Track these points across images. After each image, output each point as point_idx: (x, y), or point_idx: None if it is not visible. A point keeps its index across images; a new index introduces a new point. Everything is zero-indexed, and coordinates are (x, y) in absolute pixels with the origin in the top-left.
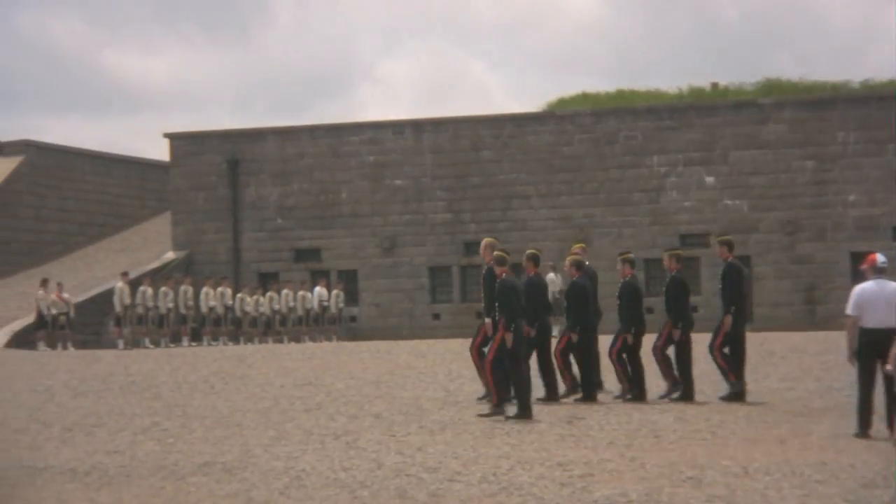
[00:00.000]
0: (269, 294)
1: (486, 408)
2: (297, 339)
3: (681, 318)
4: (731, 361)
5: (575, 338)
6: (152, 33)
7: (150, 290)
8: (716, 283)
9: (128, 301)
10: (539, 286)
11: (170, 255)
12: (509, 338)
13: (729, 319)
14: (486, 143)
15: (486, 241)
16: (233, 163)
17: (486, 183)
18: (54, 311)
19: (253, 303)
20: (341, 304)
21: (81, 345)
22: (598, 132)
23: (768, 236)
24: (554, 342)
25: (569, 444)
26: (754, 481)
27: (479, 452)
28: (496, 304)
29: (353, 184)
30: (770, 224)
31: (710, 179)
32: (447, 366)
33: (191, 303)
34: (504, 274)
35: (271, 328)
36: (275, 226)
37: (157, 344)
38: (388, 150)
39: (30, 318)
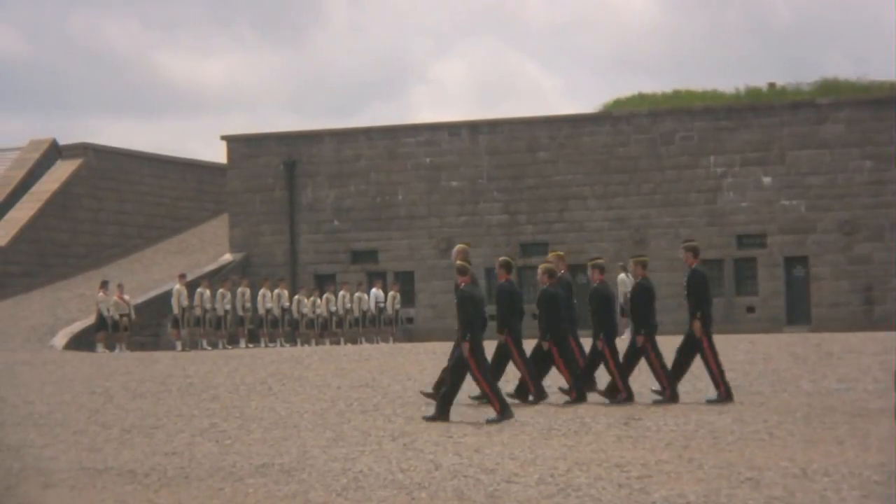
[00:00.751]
0: (325, 296)
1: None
2: (354, 341)
3: (644, 325)
4: (677, 368)
5: (546, 346)
6: (206, 35)
7: (207, 292)
8: (773, 283)
9: (185, 303)
10: (511, 293)
11: (227, 257)
12: (466, 347)
13: (697, 325)
14: (542, 145)
15: (458, 247)
16: (290, 165)
17: (542, 184)
18: (115, 314)
19: (310, 304)
20: (398, 306)
21: (139, 346)
22: (654, 133)
23: (825, 236)
24: (622, 342)
25: (626, 445)
26: (813, 483)
27: (536, 454)
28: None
29: (409, 185)
30: (827, 224)
31: (767, 180)
32: (510, 365)
33: (248, 304)
34: (464, 283)
35: (328, 330)
36: (331, 227)
37: (214, 346)
38: (444, 151)
39: (88, 321)
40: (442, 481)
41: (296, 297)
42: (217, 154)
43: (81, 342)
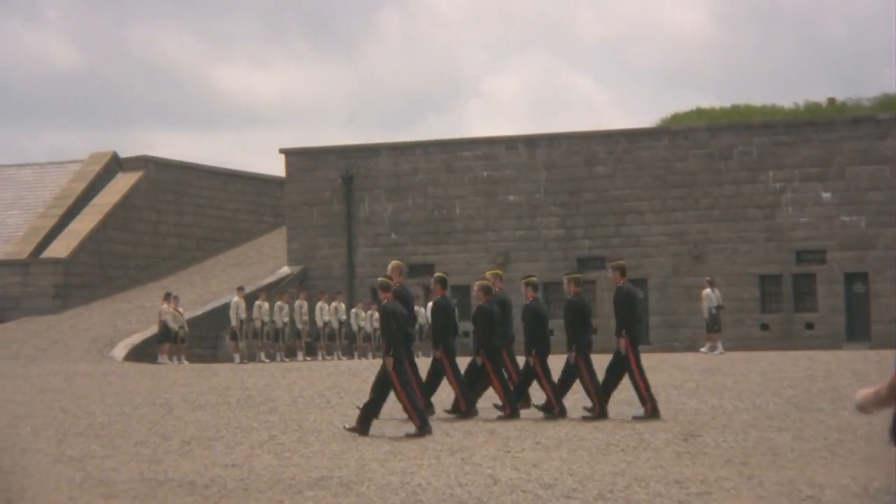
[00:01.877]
0: None
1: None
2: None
3: (576, 341)
4: (605, 385)
5: (479, 360)
6: (261, 49)
7: (265, 305)
8: (833, 300)
9: (244, 315)
10: (445, 309)
11: (285, 270)
12: (389, 362)
13: (623, 342)
14: (599, 159)
15: (393, 263)
16: (347, 178)
17: (599, 198)
18: (177, 325)
19: (367, 317)
20: (455, 320)
21: (198, 358)
22: (712, 147)
23: (886, 252)
24: (705, 357)
25: (685, 461)
26: (875, 501)
27: (594, 469)
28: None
29: (466, 199)
30: (888, 240)
31: (826, 195)
32: None
33: (306, 317)
34: (386, 299)
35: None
36: (388, 241)
37: (272, 358)
38: (501, 165)
39: (148, 332)
40: (500, 496)
41: (353, 310)
42: (274, 167)
43: (141, 354)
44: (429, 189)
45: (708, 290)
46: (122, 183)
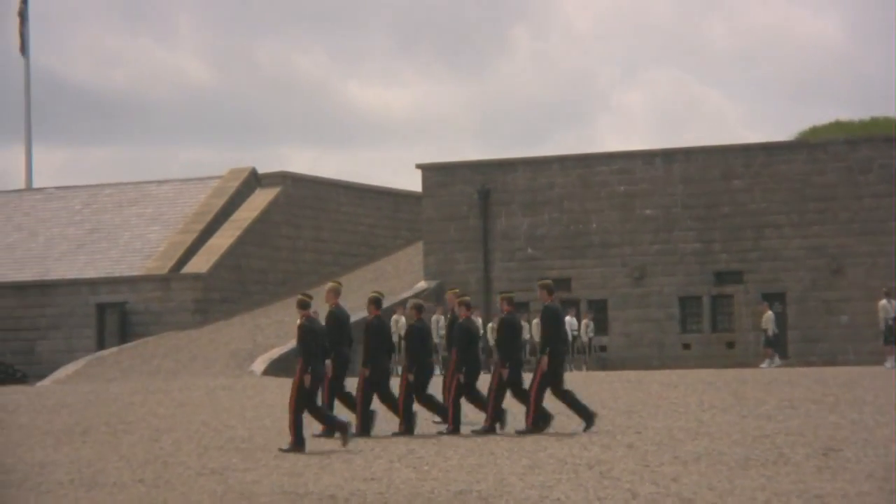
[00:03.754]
0: None
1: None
2: None
3: (509, 358)
4: (537, 400)
5: (411, 377)
6: (394, 65)
7: (402, 319)
8: None
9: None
10: (379, 329)
11: (422, 285)
12: (307, 379)
13: (545, 360)
14: (736, 173)
15: (329, 285)
16: (483, 193)
17: (736, 212)
18: None
19: None
20: (591, 334)
21: None
22: (851, 161)
23: None
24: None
25: (825, 476)
26: None
27: (734, 484)
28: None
29: (602, 213)
30: None
31: None
32: (699, 396)
33: (443, 332)
34: (304, 318)
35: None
36: (525, 255)
37: None
38: (637, 179)
39: (287, 346)
40: None
41: (489, 324)
42: (408, 182)
43: (280, 368)
44: (565, 203)
45: (884, 301)
46: (261, 199)
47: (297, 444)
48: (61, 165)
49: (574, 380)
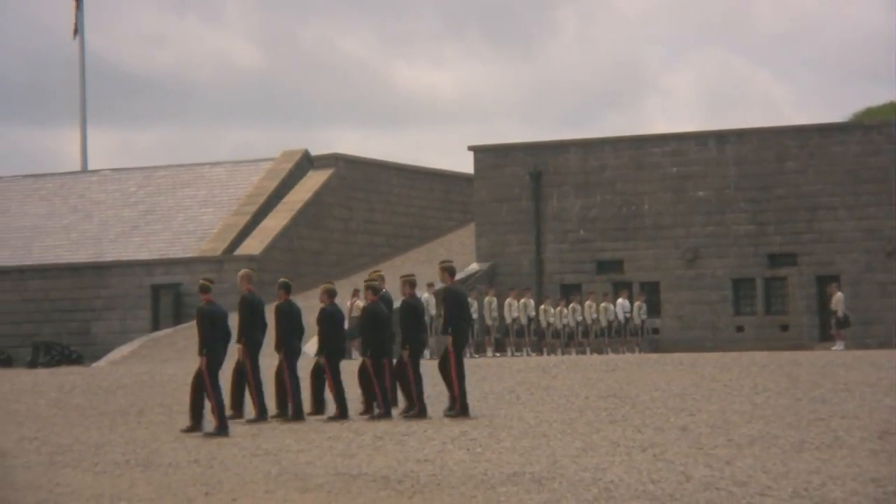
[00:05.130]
0: (571, 305)
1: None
2: (600, 351)
3: (409, 342)
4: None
5: (368, 362)
6: (440, 47)
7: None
8: None
9: (433, 312)
10: (289, 313)
11: (474, 267)
12: (203, 362)
13: (451, 340)
14: (790, 154)
15: (242, 271)
16: (535, 175)
17: (790, 194)
18: None
19: (556, 314)
20: (644, 316)
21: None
22: None
23: None
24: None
25: (881, 459)
26: None
27: (788, 467)
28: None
29: (655, 195)
30: None
31: None
32: (752, 379)
33: (495, 314)
34: (205, 301)
35: (574, 339)
36: (577, 237)
37: None
38: (690, 161)
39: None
40: (693, 493)
41: (542, 306)
42: (454, 163)
43: None
44: (617, 185)
45: None
46: (314, 180)
47: (221, 430)
48: (114, 147)
49: (626, 362)
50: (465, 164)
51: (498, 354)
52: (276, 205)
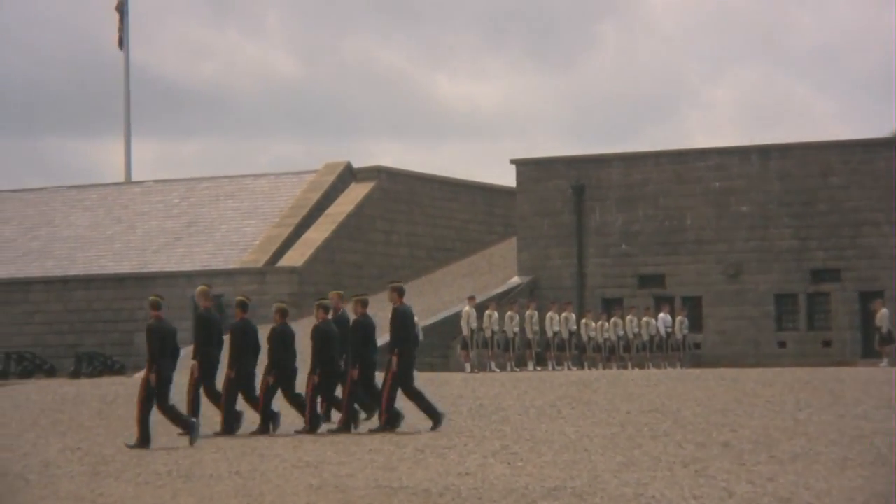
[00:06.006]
0: (613, 320)
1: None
2: (641, 366)
3: (359, 359)
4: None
5: (316, 380)
6: (481, 59)
7: (495, 315)
8: None
9: (474, 325)
10: (245, 331)
11: (515, 280)
12: (153, 378)
13: (395, 360)
14: (834, 169)
15: (199, 288)
16: (578, 189)
17: (833, 209)
18: None
19: (598, 328)
20: (686, 331)
21: (428, 367)
22: None
23: None
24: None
25: None
26: None
27: (831, 484)
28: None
29: (697, 210)
30: None
31: None
32: (795, 395)
33: (536, 327)
34: (154, 318)
35: (615, 354)
36: (619, 251)
37: (502, 368)
38: (733, 175)
39: (380, 341)
40: None
41: (583, 320)
42: (494, 176)
43: None
44: (660, 199)
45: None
46: (356, 193)
47: (142, 440)
48: (155, 158)
49: (668, 377)
50: (504, 177)
51: (539, 368)
52: (318, 217)
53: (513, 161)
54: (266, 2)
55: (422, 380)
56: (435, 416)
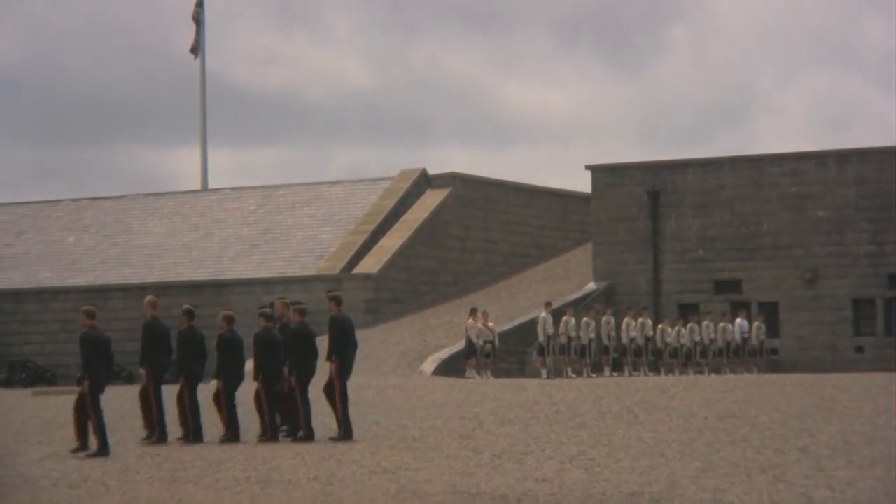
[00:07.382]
0: (689, 325)
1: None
2: (718, 371)
3: (296, 369)
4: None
5: (258, 386)
6: (552, 65)
7: (572, 321)
8: None
9: (551, 331)
10: (192, 339)
11: (591, 286)
12: (85, 386)
13: (333, 368)
14: None
15: (147, 298)
16: (653, 194)
17: None
18: (479, 340)
19: (674, 334)
20: (762, 337)
21: (504, 373)
22: None
23: None
24: None
25: None
26: None
27: None
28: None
29: (774, 215)
30: None
31: None
32: (874, 400)
33: (612, 333)
34: (87, 327)
35: (691, 360)
36: (695, 257)
37: (578, 373)
38: (810, 180)
39: (456, 347)
40: None
41: (659, 326)
42: (566, 182)
43: (449, 368)
44: (736, 205)
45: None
46: (431, 199)
47: (102, 450)
48: (231, 166)
49: (745, 383)
50: (575, 183)
51: (615, 374)
52: (393, 223)
53: (588, 167)
54: (335, 10)
55: (498, 385)
56: (347, 431)
